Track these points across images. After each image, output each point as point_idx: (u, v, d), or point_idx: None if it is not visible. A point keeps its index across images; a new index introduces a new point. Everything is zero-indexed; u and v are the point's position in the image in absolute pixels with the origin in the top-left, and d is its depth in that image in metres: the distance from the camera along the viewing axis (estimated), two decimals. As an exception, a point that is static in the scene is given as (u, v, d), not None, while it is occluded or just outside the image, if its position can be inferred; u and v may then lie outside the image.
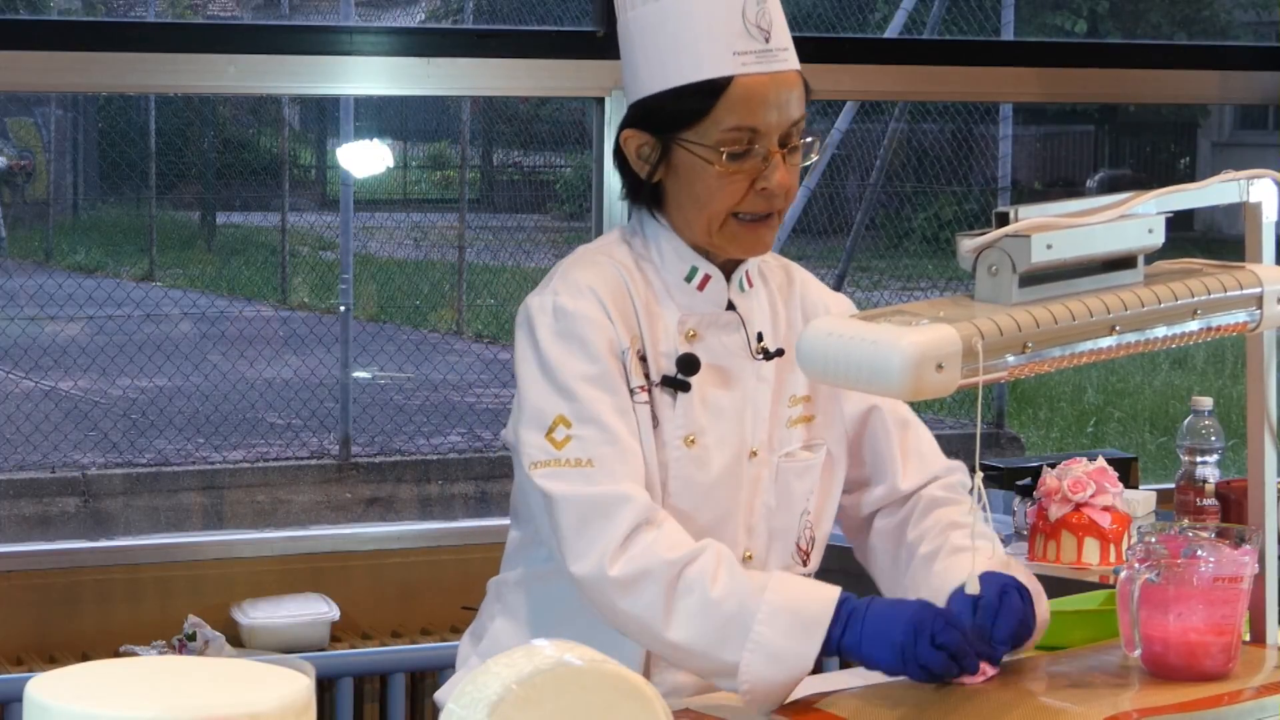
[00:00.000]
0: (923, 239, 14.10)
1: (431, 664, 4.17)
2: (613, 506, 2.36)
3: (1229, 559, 2.37)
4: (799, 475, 2.57)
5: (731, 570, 2.36)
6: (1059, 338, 2.12)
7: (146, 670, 1.71)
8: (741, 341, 2.53)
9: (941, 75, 4.67)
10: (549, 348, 2.43)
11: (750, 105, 2.43)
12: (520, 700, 1.66)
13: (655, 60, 2.45)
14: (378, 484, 9.26)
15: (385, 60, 4.15)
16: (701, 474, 2.49)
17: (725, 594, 2.33)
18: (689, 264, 2.51)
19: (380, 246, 14.65)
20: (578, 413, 2.39)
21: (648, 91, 2.47)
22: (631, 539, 2.35)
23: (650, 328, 2.48)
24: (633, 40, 2.48)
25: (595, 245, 2.56)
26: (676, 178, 2.48)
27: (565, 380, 2.41)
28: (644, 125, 2.48)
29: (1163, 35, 17.62)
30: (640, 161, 2.49)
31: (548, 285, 2.49)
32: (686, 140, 2.44)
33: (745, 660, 2.31)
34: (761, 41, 2.45)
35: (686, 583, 2.33)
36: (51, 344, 10.99)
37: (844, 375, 2.05)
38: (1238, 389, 8.65)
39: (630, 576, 2.34)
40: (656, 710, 1.72)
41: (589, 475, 2.38)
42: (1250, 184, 2.39)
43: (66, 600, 4.07)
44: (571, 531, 2.37)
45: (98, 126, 14.97)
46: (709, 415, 2.49)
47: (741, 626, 2.31)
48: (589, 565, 2.35)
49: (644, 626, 2.35)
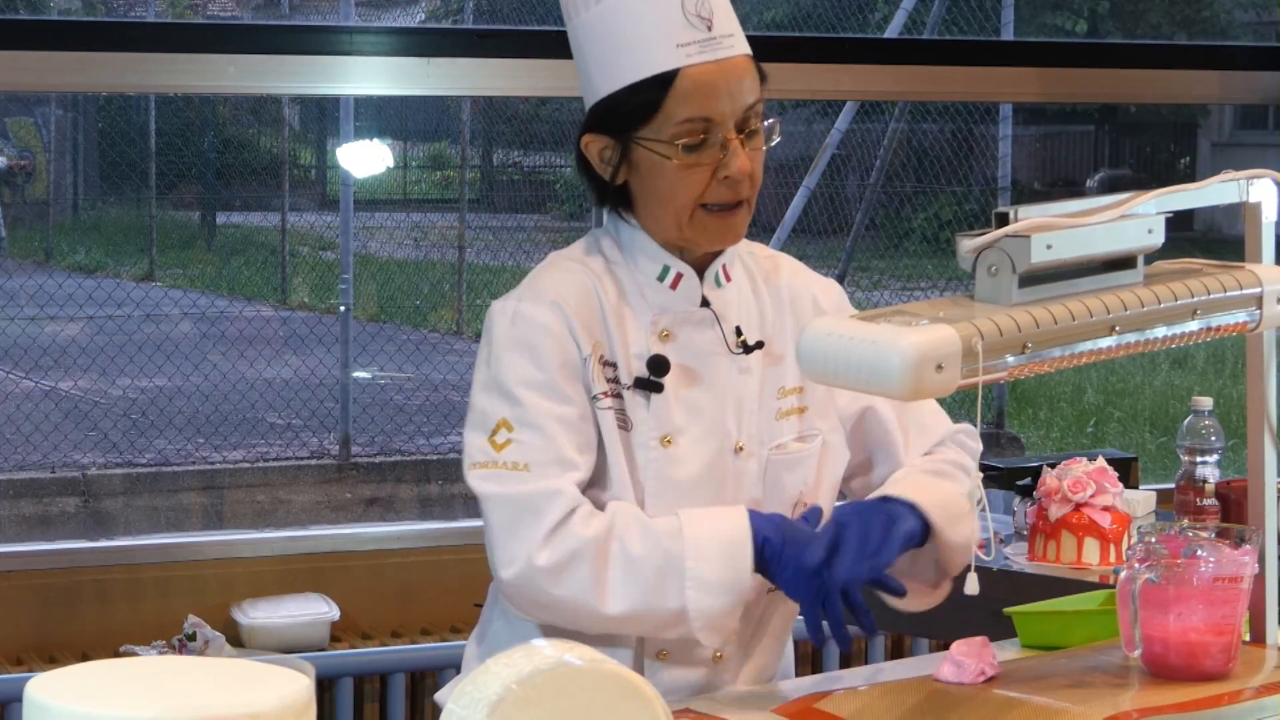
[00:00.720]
0: (923, 239, 14.10)
1: (431, 664, 4.17)
2: (542, 502, 2.39)
3: (1229, 559, 2.37)
4: (790, 468, 2.56)
5: (644, 525, 2.40)
6: (1059, 338, 2.12)
7: (146, 670, 1.71)
8: (717, 337, 2.53)
9: (941, 75, 4.67)
10: (500, 352, 2.46)
11: (700, 95, 2.44)
12: (520, 700, 1.66)
13: (603, 62, 2.47)
14: (378, 484, 9.26)
15: (385, 60, 4.15)
16: (680, 472, 2.49)
17: (647, 549, 2.38)
18: (660, 263, 2.52)
19: (380, 246, 14.64)
20: (520, 417, 2.42)
21: (601, 94, 2.49)
22: (559, 527, 2.38)
23: (620, 331, 2.49)
24: (581, 45, 2.51)
25: (567, 251, 2.57)
26: (639, 177, 2.49)
27: (510, 385, 2.43)
28: (601, 128, 2.50)
29: (1163, 35, 17.62)
30: (603, 165, 2.51)
31: (514, 292, 2.52)
32: (643, 138, 2.46)
33: (690, 598, 2.37)
34: (704, 30, 2.45)
35: (610, 555, 2.37)
36: (51, 344, 10.99)
37: (844, 375, 2.05)
38: (1238, 389, 8.65)
39: (558, 562, 2.37)
40: (656, 710, 1.72)
41: (523, 478, 2.40)
42: (1250, 184, 2.39)
43: (66, 600, 4.07)
44: (501, 531, 2.40)
45: (98, 126, 14.97)
46: (685, 414, 2.50)
47: (675, 572, 2.37)
48: (518, 566, 2.38)
49: (580, 608, 2.38)
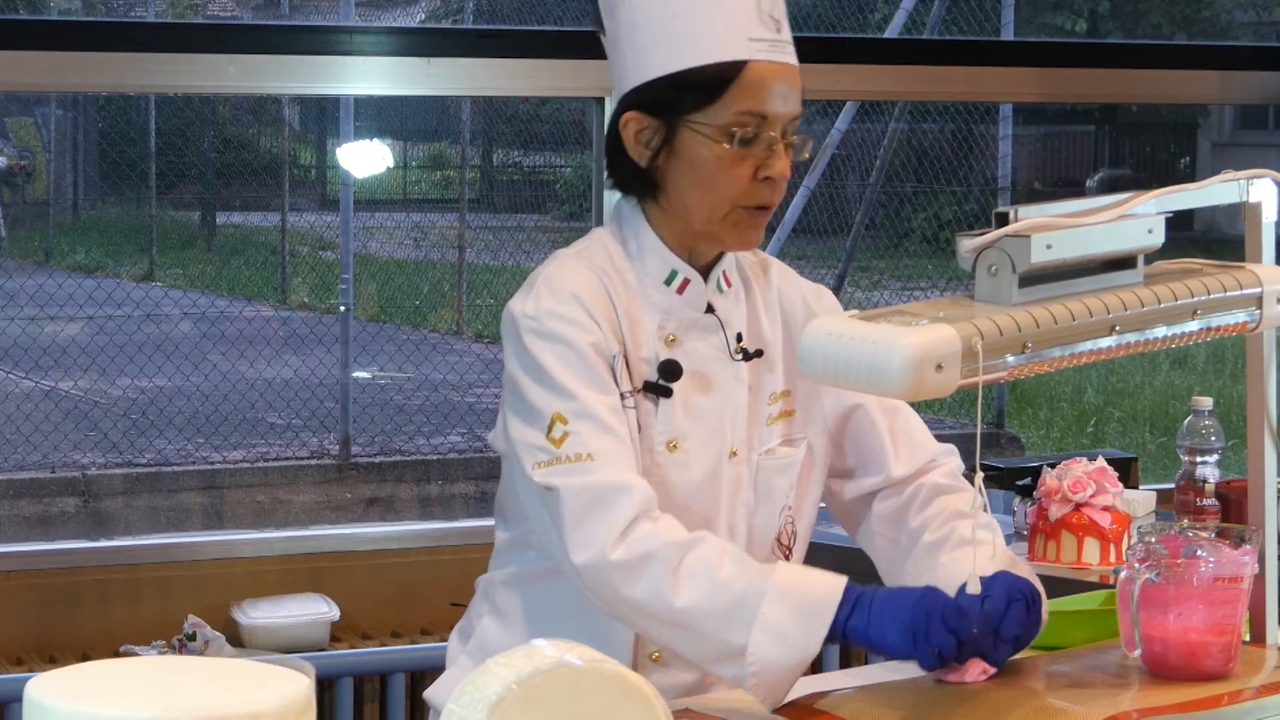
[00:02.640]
0: (923, 239, 14.10)
1: (431, 664, 4.16)
2: (614, 495, 2.35)
3: (1229, 559, 2.37)
4: (779, 473, 2.56)
5: (736, 555, 2.36)
6: (1059, 338, 2.12)
7: (146, 670, 1.71)
8: (720, 344, 2.52)
9: (941, 75, 4.68)
10: (537, 350, 2.42)
11: (761, 91, 2.43)
12: (520, 700, 1.66)
13: (665, 42, 2.44)
14: (378, 484, 9.26)
15: (385, 60, 4.15)
16: (684, 478, 2.49)
17: (732, 575, 2.32)
18: (669, 267, 2.50)
19: (380, 246, 14.65)
20: (573, 409, 2.39)
21: (656, 73, 2.44)
22: (632, 527, 2.34)
23: (631, 333, 2.47)
24: (636, 22, 2.46)
25: (574, 250, 2.54)
26: (679, 162, 2.46)
27: (557, 378, 2.40)
28: (647, 108, 2.46)
29: (1163, 35, 17.63)
30: (639, 146, 2.47)
31: (530, 291, 2.47)
32: (696, 121, 2.43)
33: (754, 640, 2.29)
34: (773, 31, 2.46)
35: (690, 565, 2.33)
36: (51, 344, 10.99)
37: (844, 375, 2.05)
38: (1238, 389, 8.64)
39: (633, 560, 2.33)
40: (656, 710, 1.72)
41: (590, 468, 2.37)
42: (1250, 184, 2.39)
43: (66, 600, 4.07)
44: (573, 521, 2.36)
45: (98, 126, 14.98)
46: (690, 419, 2.49)
47: (749, 607, 2.30)
48: (591, 553, 2.34)
49: (648, 609, 2.34)
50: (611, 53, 2.51)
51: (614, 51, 2.51)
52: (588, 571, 2.36)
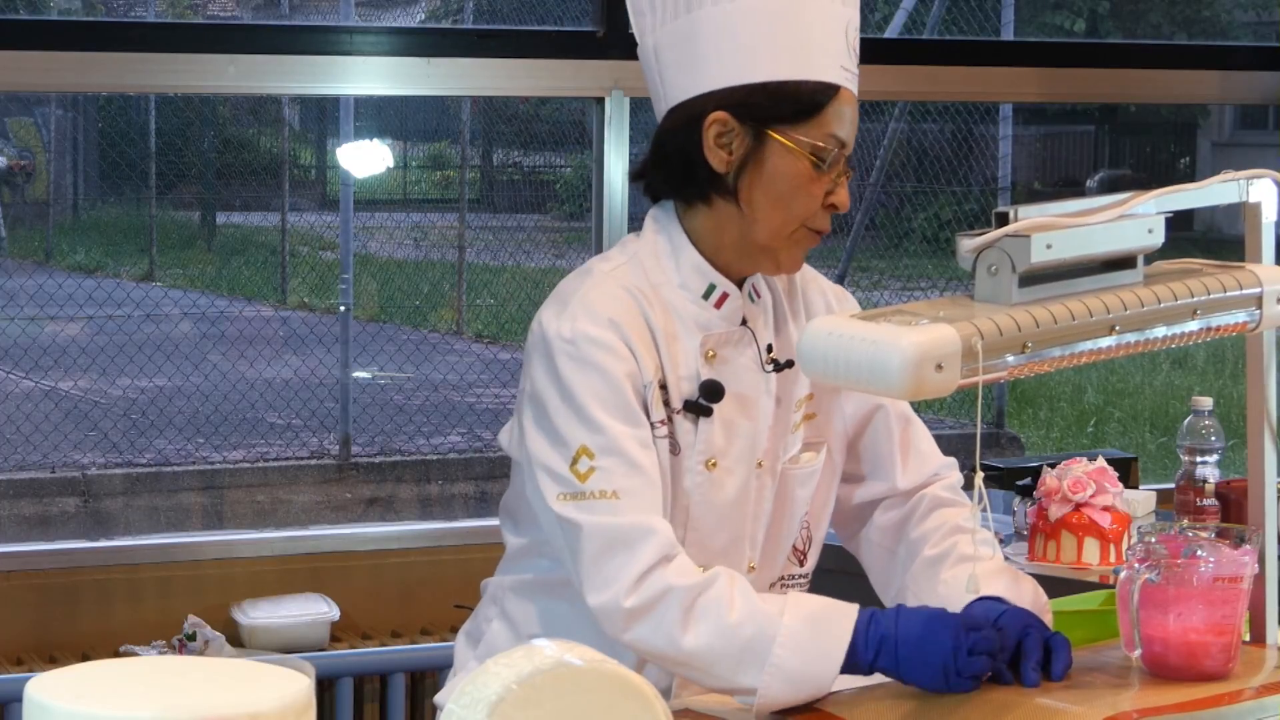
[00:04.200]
0: (923, 239, 14.09)
1: (431, 664, 4.17)
2: (636, 538, 2.34)
3: (1229, 559, 2.37)
4: (802, 482, 2.55)
5: (746, 595, 2.35)
6: (1059, 338, 2.12)
7: (146, 670, 1.71)
8: (754, 356, 2.50)
9: (941, 75, 4.68)
10: (570, 376, 2.38)
11: (844, 118, 2.43)
12: (520, 700, 1.66)
13: (766, 51, 2.41)
14: (378, 484, 9.26)
15: (385, 60, 4.15)
16: (720, 495, 2.48)
17: (742, 618, 2.32)
18: (707, 281, 2.47)
19: (380, 246, 14.64)
20: (600, 444, 2.36)
21: (755, 79, 2.41)
22: (650, 571, 2.34)
23: (670, 354, 2.44)
24: (734, 25, 2.41)
25: (610, 265, 2.48)
26: (759, 172, 2.42)
27: (588, 410, 2.37)
28: (737, 112, 2.42)
29: (1163, 35, 17.62)
30: (719, 149, 2.43)
31: (565, 309, 2.42)
32: (787, 134, 2.41)
33: (764, 683, 2.30)
34: (854, 65, 2.46)
35: (702, 607, 2.32)
36: (51, 344, 10.99)
37: (844, 375, 2.05)
38: (1238, 389, 8.64)
39: (645, 604, 2.33)
40: (656, 710, 1.72)
41: (614, 507, 2.35)
42: (1250, 184, 2.39)
43: (66, 600, 4.07)
44: (592, 561, 2.35)
45: (98, 126, 14.96)
46: (726, 436, 2.47)
47: (760, 651, 2.30)
48: (607, 596, 2.34)
49: (659, 652, 2.34)
50: (675, 51, 2.45)
51: (682, 50, 2.44)
52: (600, 612, 2.36)
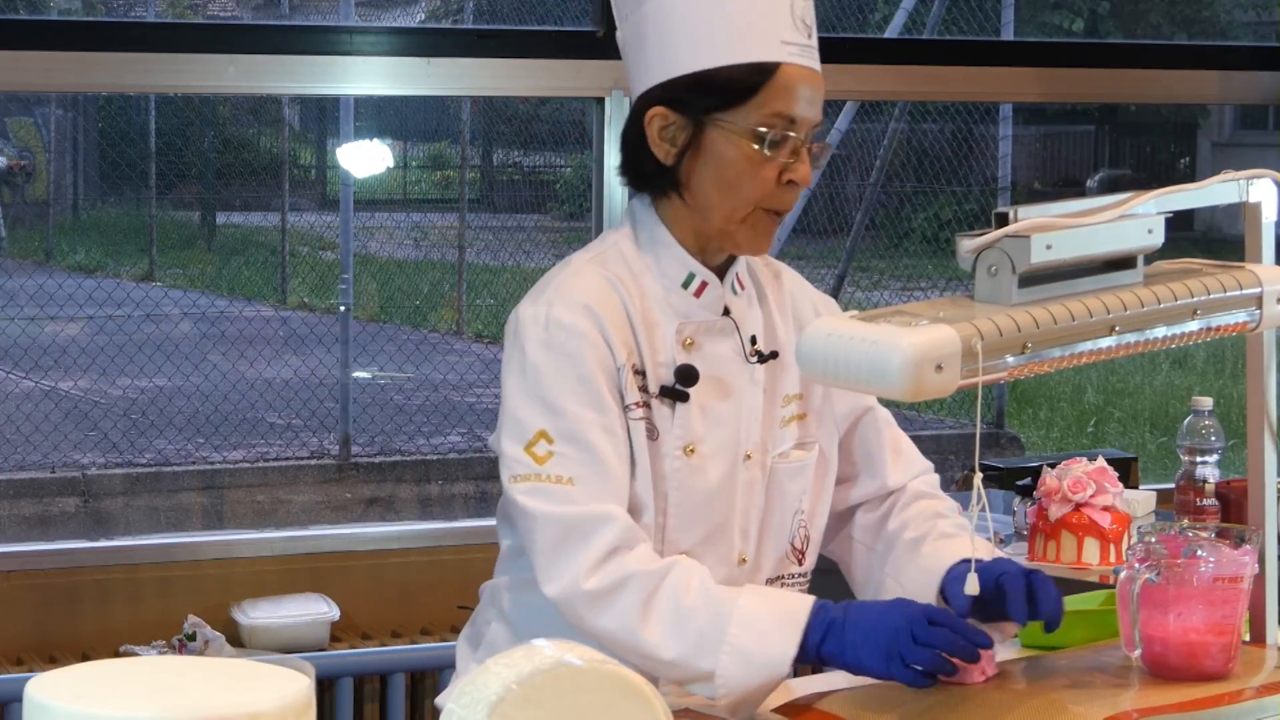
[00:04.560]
0: (923, 239, 14.09)
1: (431, 664, 4.17)
2: (591, 527, 2.35)
3: (1229, 559, 2.37)
4: (792, 476, 2.56)
5: (704, 580, 2.35)
6: (1059, 338, 2.12)
7: (146, 670, 1.71)
8: (736, 346, 2.51)
9: (941, 75, 4.68)
10: (536, 359, 2.40)
11: (791, 94, 2.42)
12: (520, 700, 1.66)
13: (697, 39, 2.41)
14: (378, 484, 9.25)
15: (385, 60, 4.15)
16: (700, 482, 2.48)
17: (699, 603, 2.32)
18: (686, 270, 2.48)
19: (380, 246, 14.64)
20: (560, 429, 2.37)
21: (686, 70, 2.42)
22: (607, 558, 2.34)
23: (648, 338, 2.45)
24: (665, 18, 2.43)
25: (589, 254, 2.50)
26: (704, 161, 2.44)
27: (550, 395, 2.38)
28: (675, 104, 2.43)
29: (1163, 35, 17.62)
30: (663, 143, 2.44)
31: (541, 295, 2.44)
32: (724, 120, 2.41)
33: (721, 664, 2.30)
34: (804, 36, 2.45)
35: (661, 594, 2.33)
36: (51, 344, 10.99)
37: (844, 375, 2.05)
38: (1238, 389, 8.65)
39: (605, 589, 2.33)
40: (656, 710, 1.72)
41: (570, 494, 2.36)
42: (1250, 184, 2.39)
43: (66, 600, 4.07)
44: (548, 550, 2.36)
45: (98, 126, 14.97)
46: (706, 423, 2.48)
47: (716, 633, 2.31)
48: (562, 586, 2.35)
49: (619, 638, 2.34)
50: (632, 47, 2.48)
51: (636, 45, 2.47)
52: (559, 602, 2.36)
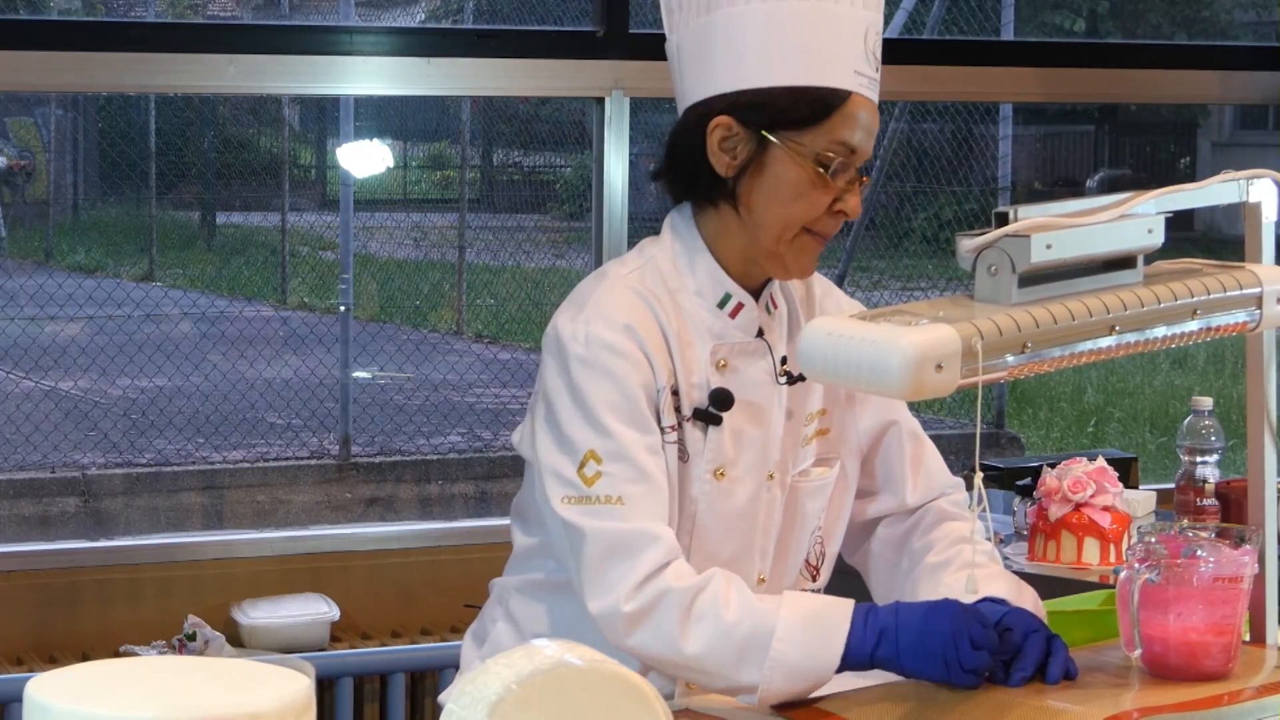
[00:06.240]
0: (923, 239, 14.09)
1: (431, 664, 4.17)
2: (639, 545, 2.34)
3: (1229, 559, 2.37)
4: (812, 495, 2.56)
5: (742, 593, 2.35)
6: (1059, 338, 2.12)
7: (146, 670, 1.71)
8: (768, 368, 2.50)
9: (941, 75, 4.67)
10: (582, 379, 2.39)
11: (856, 125, 2.42)
12: (520, 700, 1.66)
13: (776, 55, 2.40)
14: (378, 484, 9.25)
15: (385, 60, 4.15)
16: (728, 505, 2.48)
17: (740, 616, 2.32)
18: (723, 290, 2.47)
19: (380, 246, 14.63)
20: (609, 449, 2.37)
21: (756, 84, 2.40)
22: (651, 577, 2.34)
23: (683, 359, 2.44)
24: (742, 30, 2.41)
25: (626, 269, 2.48)
26: (762, 177, 2.43)
27: (598, 414, 2.37)
28: (742, 117, 2.42)
29: (1163, 35, 17.62)
30: (722, 154, 2.43)
31: (580, 312, 2.42)
32: (791, 141, 2.41)
33: (765, 678, 2.31)
34: (872, 70, 2.45)
35: (699, 609, 2.33)
36: (51, 344, 10.99)
37: (844, 375, 2.05)
38: (1238, 389, 8.64)
39: (643, 609, 2.33)
40: (656, 710, 1.72)
41: (619, 513, 2.36)
42: (1250, 184, 2.39)
43: (66, 600, 4.07)
44: (594, 565, 2.36)
45: (98, 126, 14.96)
46: (736, 446, 2.47)
47: (759, 647, 2.31)
48: (607, 602, 2.35)
49: (659, 656, 2.35)
50: (690, 54, 2.46)
51: (698, 53, 2.45)
52: (601, 619, 2.36)
